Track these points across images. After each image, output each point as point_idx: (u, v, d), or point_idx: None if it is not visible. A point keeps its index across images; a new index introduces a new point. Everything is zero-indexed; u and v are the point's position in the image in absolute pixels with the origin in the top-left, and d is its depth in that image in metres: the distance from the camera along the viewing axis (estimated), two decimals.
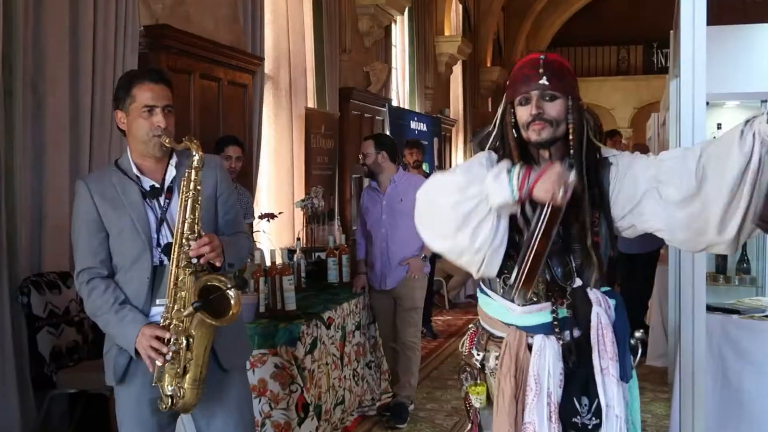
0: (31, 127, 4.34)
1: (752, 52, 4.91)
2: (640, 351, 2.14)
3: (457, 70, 13.66)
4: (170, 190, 2.62)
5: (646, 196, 2.01)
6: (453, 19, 13.39)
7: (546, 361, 2.00)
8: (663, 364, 5.97)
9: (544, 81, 2.01)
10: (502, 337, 2.12)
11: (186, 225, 2.49)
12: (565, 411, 2.00)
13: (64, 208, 4.45)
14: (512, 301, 2.09)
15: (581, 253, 2.06)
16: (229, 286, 2.51)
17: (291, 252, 5.25)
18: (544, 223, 1.90)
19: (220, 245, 2.53)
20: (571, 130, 2.03)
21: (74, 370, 4.17)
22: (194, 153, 2.53)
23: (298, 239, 5.66)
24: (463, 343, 2.31)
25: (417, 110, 11.35)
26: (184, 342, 2.45)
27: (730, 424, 3.82)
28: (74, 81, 4.53)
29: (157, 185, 2.62)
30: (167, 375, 2.46)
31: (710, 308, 3.55)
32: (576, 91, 2.07)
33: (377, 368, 5.38)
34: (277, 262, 4.43)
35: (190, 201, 2.52)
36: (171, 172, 2.64)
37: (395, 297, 5.03)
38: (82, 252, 2.60)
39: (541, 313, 2.06)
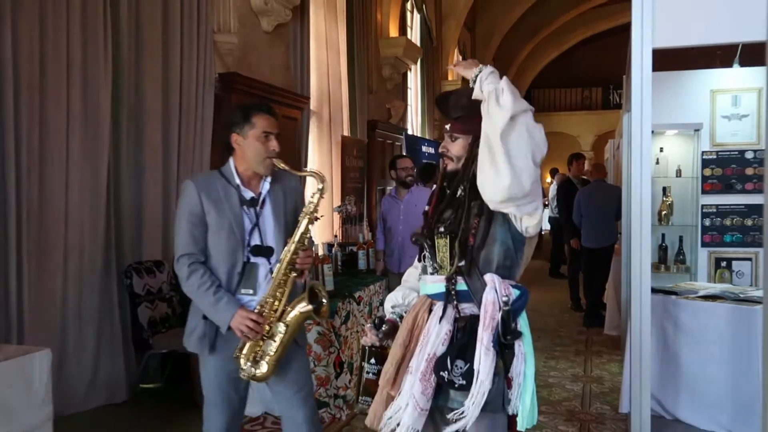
0: (133, 151, 4.39)
1: (687, 92, 4.89)
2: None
3: None
4: (263, 201, 2.48)
5: None
6: None
7: (436, 321, 1.95)
8: (617, 334, 5.92)
9: (447, 126, 2.10)
10: None
11: (299, 237, 2.42)
12: (437, 365, 1.90)
13: (157, 213, 4.51)
14: (426, 273, 2.11)
15: (462, 244, 1.98)
16: (324, 296, 2.45)
17: (330, 246, 5.26)
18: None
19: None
20: (463, 161, 2.05)
21: (166, 336, 4.22)
22: (320, 183, 2.49)
23: (336, 236, 5.68)
24: None
25: (427, 137, 11.32)
26: (283, 328, 2.38)
27: (668, 381, 3.80)
28: (165, 115, 4.58)
29: (255, 196, 2.46)
30: (250, 350, 2.38)
31: (654, 290, 3.52)
32: (478, 131, 1.95)
33: None
34: (319, 254, 4.44)
35: (307, 220, 2.44)
36: (265, 187, 2.48)
37: None
38: (184, 239, 2.40)
39: (439, 284, 2.00)
